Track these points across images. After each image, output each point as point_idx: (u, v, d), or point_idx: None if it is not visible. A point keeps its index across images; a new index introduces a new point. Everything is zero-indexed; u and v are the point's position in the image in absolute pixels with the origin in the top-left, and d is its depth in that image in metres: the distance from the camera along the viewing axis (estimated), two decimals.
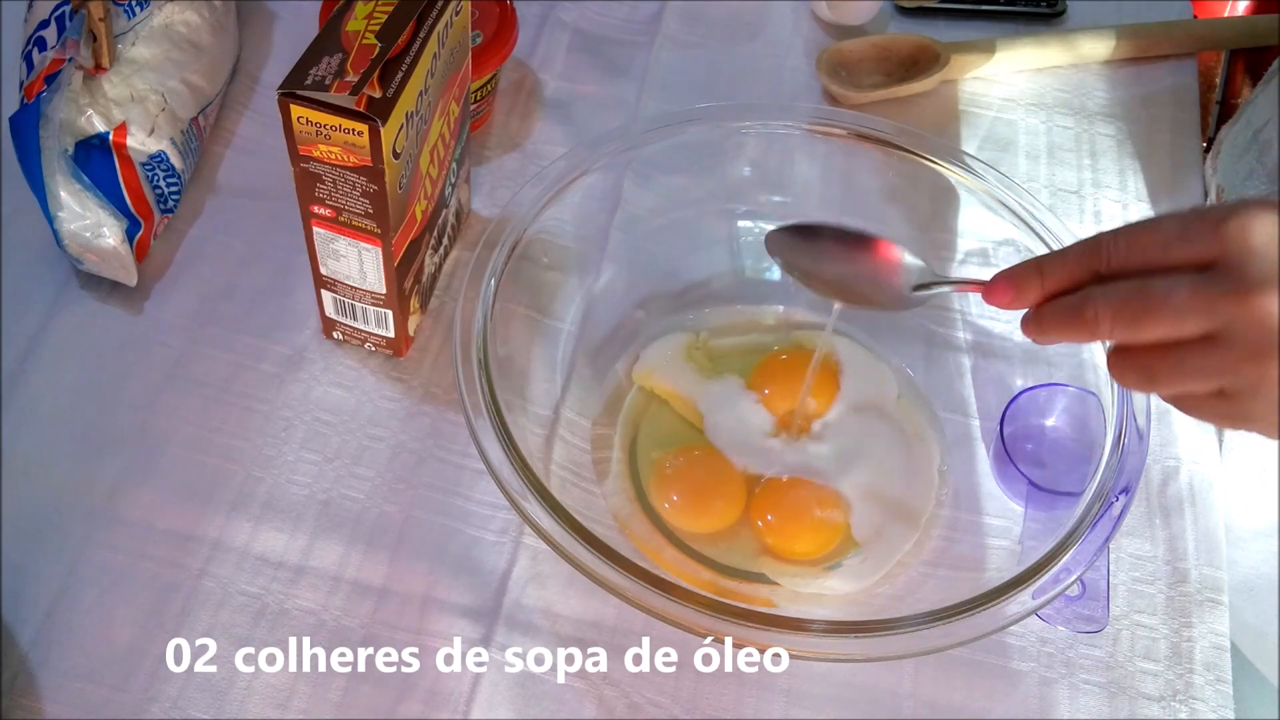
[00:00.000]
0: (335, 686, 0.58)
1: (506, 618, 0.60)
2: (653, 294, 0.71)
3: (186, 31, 0.72)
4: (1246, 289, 0.42)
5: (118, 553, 0.61)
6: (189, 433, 0.65)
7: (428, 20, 0.57)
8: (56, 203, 0.65)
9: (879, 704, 0.59)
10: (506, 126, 0.80)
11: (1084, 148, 0.82)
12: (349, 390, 0.67)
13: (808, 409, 0.67)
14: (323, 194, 0.59)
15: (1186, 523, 0.66)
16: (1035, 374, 0.66)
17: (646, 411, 0.68)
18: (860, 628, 0.53)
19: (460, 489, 0.64)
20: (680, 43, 0.85)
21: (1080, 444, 0.63)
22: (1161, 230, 0.45)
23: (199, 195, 0.74)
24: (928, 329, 0.70)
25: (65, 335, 0.68)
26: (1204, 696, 0.60)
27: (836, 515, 0.63)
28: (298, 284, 0.70)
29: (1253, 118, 0.75)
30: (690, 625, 0.52)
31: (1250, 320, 0.43)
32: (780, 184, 0.72)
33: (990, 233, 0.68)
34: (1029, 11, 0.88)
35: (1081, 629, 0.59)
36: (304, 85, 0.54)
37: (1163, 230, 0.45)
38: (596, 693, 0.59)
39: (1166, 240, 0.44)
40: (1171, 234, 0.44)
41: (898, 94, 0.83)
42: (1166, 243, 0.44)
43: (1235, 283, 0.43)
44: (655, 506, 0.64)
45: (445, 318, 0.70)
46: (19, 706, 0.56)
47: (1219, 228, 0.43)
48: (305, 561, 0.61)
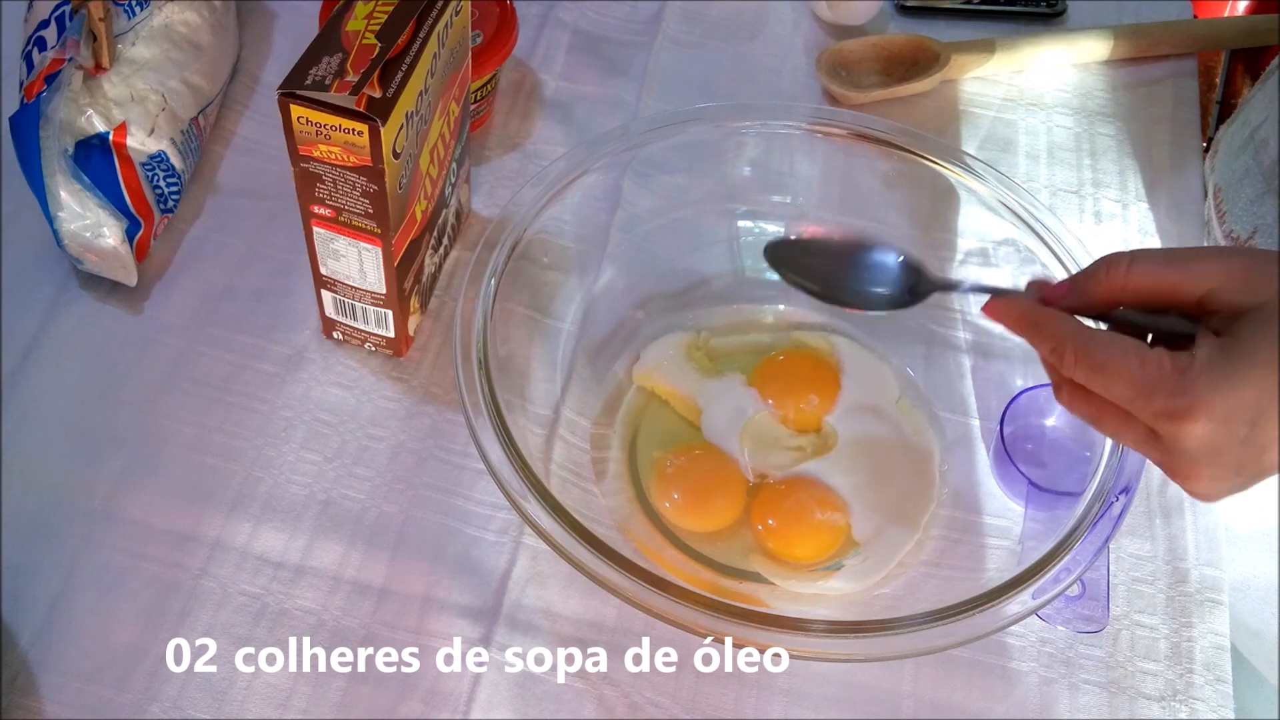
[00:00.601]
0: (335, 686, 0.58)
1: (506, 618, 0.60)
2: (653, 294, 0.71)
3: (186, 31, 0.72)
4: (1177, 471, 0.47)
5: (118, 553, 0.61)
6: (189, 433, 0.65)
7: (428, 20, 0.57)
8: (56, 202, 0.65)
9: (879, 704, 0.59)
10: (506, 126, 0.80)
11: (1084, 148, 0.82)
12: (349, 390, 0.67)
13: (808, 409, 0.67)
14: (323, 194, 0.59)
15: (1186, 523, 0.66)
16: (1035, 374, 0.66)
17: (646, 411, 0.68)
18: (860, 628, 0.53)
19: (460, 489, 0.64)
20: (680, 43, 0.85)
21: (1080, 444, 0.63)
22: (1115, 390, 0.47)
23: (199, 195, 0.74)
24: (928, 329, 0.70)
25: (65, 335, 0.68)
26: (1204, 696, 0.60)
27: (837, 519, 0.63)
28: (298, 284, 0.70)
29: (1249, 116, 0.75)
30: (690, 625, 0.52)
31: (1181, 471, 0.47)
32: (780, 184, 0.72)
33: (990, 233, 0.68)
34: (1029, 11, 0.88)
35: (1081, 629, 0.59)
36: (304, 85, 0.54)
37: (1116, 390, 0.47)
38: (596, 693, 0.59)
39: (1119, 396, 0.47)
40: (1121, 396, 0.47)
41: (898, 94, 0.83)
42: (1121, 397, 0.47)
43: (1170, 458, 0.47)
44: (655, 506, 0.64)
45: (445, 318, 0.70)
46: (19, 706, 0.56)
47: (1161, 422, 0.46)
48: (305, 561, 0.61)
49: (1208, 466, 0.46)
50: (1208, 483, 0.47)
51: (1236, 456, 0.45)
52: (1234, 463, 0.45)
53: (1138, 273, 0.48)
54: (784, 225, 0.73)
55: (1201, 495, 0.48)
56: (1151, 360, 0.46)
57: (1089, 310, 0.50)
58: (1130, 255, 0.48)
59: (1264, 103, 0.74)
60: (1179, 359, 0.45)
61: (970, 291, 0.56)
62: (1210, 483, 0.47)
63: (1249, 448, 0.45)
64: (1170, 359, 0.45)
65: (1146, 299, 0.48)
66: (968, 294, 0.69)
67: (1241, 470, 0.46)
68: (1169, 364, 0.45)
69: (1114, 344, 0.47)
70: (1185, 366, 0.45)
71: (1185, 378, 0.45)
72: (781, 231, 0.73)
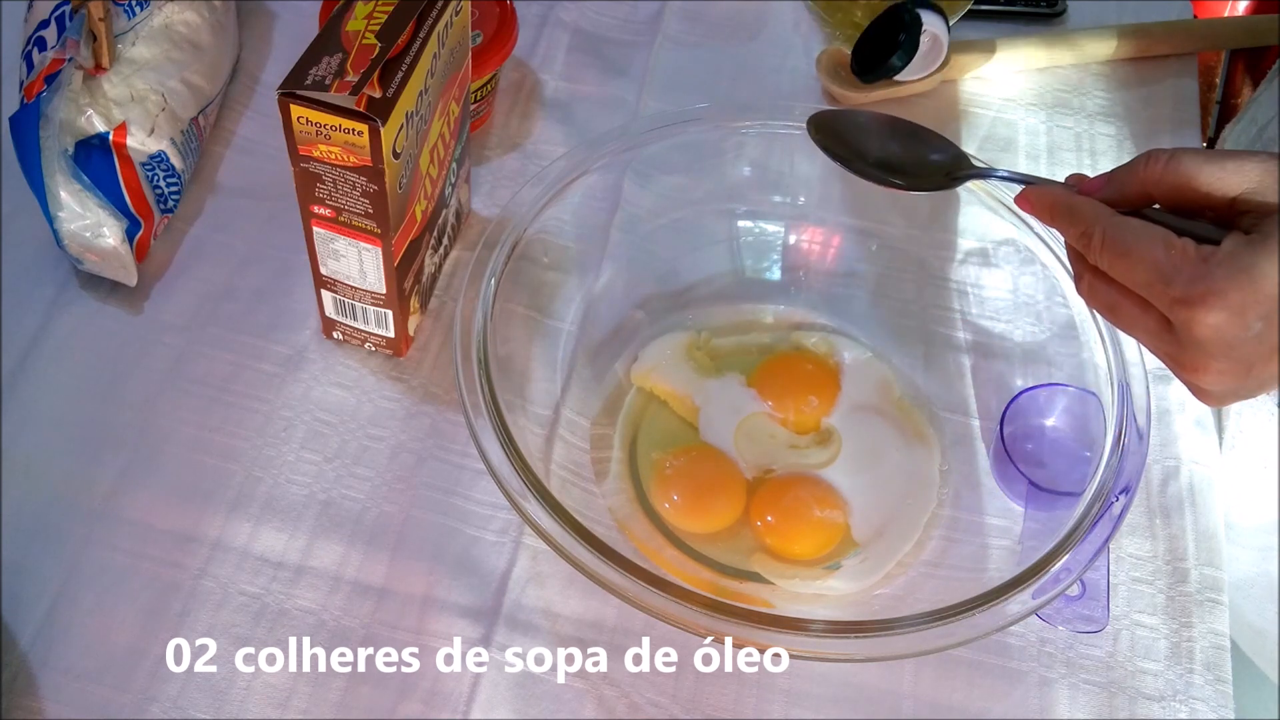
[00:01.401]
0: (335, 686, 0.58)
1: (506, 618, 0.60)
2: (653, 294, 0.71)
3: (186, 31, 0.72)
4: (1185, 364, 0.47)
5: (118, 553, 0.61)
6: (189, 433, 0.65)
7: (428, 20, 0.57)
8: (56, 202, 0.65)
9: (879, 704, 0.59)
10: (506, 126, 0.80)
11: (1084, 148, 0.82)
12: (349, 390, 0.67)
13: (808, 409, 0.67)
14: (323, 194, 0.59)
15: (1186, 523, 0.66)
16: (1035, 374, 0.66)
17: (646, 411, 0.68)
18: (860, 628, 0.53)
19: (460, 489, 0.64)
20: (680, 43, 0.85)
21: (1080, 444, 0.63)
22: (1136, 275, 0.47)
23: (199, 195, 0.74)
24: (928, 329, 0.70)
25: (65, 335, 0.68)
26: (1204, 696, 0.60)
27: (836, 515, 0.63)
28: (298, 284, 0.70)
29: (1257, 115, 0.75)
30: (690, 625, 0.52)
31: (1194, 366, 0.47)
32: (780, 184, 0.72)
33: (990, 233, 0.68)
34: (1029, 11, 0.88)
35: (1081, 629, 0.59)
36: (304, 85, 0.54)
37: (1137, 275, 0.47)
38: (596, 693, 0.59)
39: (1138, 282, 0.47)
40: (1141, 280, 0.47)
41: (898, 94, 0.83)
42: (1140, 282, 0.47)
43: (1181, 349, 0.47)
44: (655, 506, 0.64)
45: (445, 318, 0.70)
46: (19, 706, 0.56)
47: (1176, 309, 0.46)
48: (305, 561, 0.61)
49: (1217, 359, 0.46)
50: (1215, 376, 0.47)
51: (1247, 353, 0.45)
52: (1244, 358, 0.45)
53: (1175, 167, 0.48)
54: (784, 225, 0.73)
55: (1206, 394, 0.48)
56: (1176, 246, 0.46)
57: (1124, 203, 0.50)
58: (1171, 151, 0.48)
59: (1271, 101, 0.74)
60: (1203, 248, 0.46)
61: (1006, 180, 0.56)
62: (1217, 377, 0.47)
63: (1261, 345, 0.45)
64: (1195, 247, 0.46)
65: (1182, 194, 0.48)
66: (967, 294, 0.70)
67: (1250, 370, 0.46)
68: (1193, 251, 0.46)
69: (1143, 230, 0.47)
70: (1208, 255, 0.45)
71: (1206, 265, 0.45)
72: (782, 232, 0.73)
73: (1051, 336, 0.66)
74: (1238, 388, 0.47)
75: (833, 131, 0.61)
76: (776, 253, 0.73)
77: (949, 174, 0.57)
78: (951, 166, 0.57)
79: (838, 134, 0.61)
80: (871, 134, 0.60)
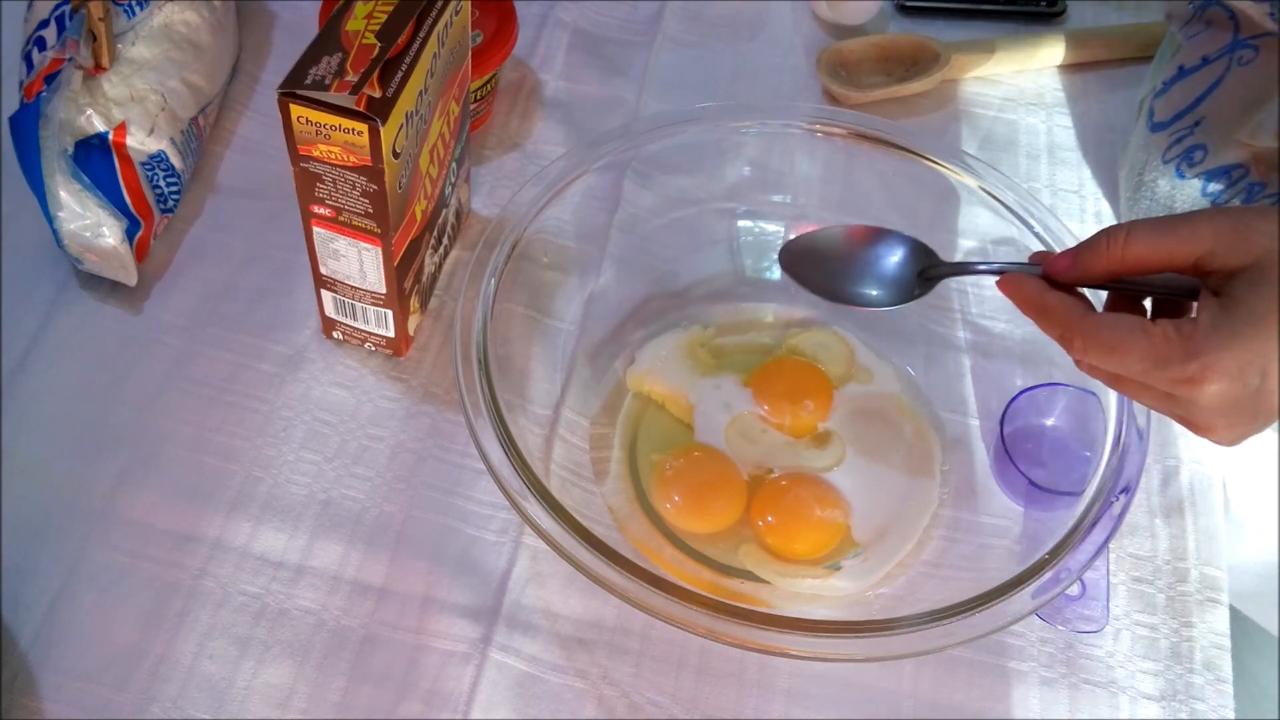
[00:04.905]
0: (335, 686, 0.58)
1: (506, 618, 0.60)
2: (653, 294, 0.71)
3: (186, 31, 0.73)
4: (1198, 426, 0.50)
5: (118, 553, 0.61)
6: (189, 432, 0.65)
7: (428, 20, 0.57)
8: (56, 202, 0.65)
9: (879, 704, 0.59)
10: (506, 126, 0.80)
11: (1084, 147, 0.82)
12: (349, 390, 0.67)
13: (804, 414, 0.67)
14: (323, 194, 0.59)
15: (1186, 522, 0.66)
16: (1035, 374, 0.66)
17: (646, 411, 0.68)
18: (860, 628, 0.53)
19: (460, 489, 0.64)
20: (680, 43, 0.85)
21: (1080, 444, 0.63)
22: (1128, 366, 0.49)
23: (199, 195, 0.74)
24: (928, 329, 0.70)
25: (65, 335, 0.68)
26: (1204, 696, 0.60)
27: (836, 515, 0.63)
28: (298, 284, 0.70)
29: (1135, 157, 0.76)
30: (690, 625, 0.52)
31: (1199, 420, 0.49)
32: (780, 184, 0.72)
33: (990, 232, 0.68)
34: (1029, 11, 0.88)
35: (1081, 629, 0.59)
36: (304, 85, 0.54)
37: (1129, 366, 0.49)
38: (596, 693, 0.59)
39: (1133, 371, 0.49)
40: (1135, 370, 0.49)
41: (898, 94, 0.83)
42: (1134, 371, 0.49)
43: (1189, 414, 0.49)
44: (656, 507, 0.64)
45: (445, 318, 0.70)
46: (19, 706, 0.56)
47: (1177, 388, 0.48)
48: (305, 561, 0.61)
49: (1225, 417, 0.48)
50: (1225, 431, 0.49)
51: (1252, 405, 0.47)
52: (1249, 409, 0.47)
53: (1135, 243, 0.49)
54: (784, 225, 0.73)
55: (1222, 443, 0.50)
56: (1157, 333, 0.47)
57: (1092, 283, 0.51)
58: (1127, 227, 0.50)
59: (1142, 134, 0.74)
60: (1183, 327, 0.47)
61: (980, 273, 0.56)
62: (1228, 430, 0.49)
63: (1263, 395, 0.47)
64: (1175, 328, 0.47)
65: (1146, 267, 0.50)
66: (968, 294, 0.70)
67: (1257, 415, 0.48)
68: (1174, 333, 0.47)
69: (1119, 325, 0.49)
70: (1190, 333, 0.47)
71: (1193, 343, 0.46)
72: (782, 231, 0.73)
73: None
74: (1248, 431, 0.49)
75: (804, 259, 0.61)
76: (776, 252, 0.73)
77: (921, 274, 0.58)
78: (925, 266, 0.58)
79: (809, 260, 0.61)
80: (841, 251, 0.60)
